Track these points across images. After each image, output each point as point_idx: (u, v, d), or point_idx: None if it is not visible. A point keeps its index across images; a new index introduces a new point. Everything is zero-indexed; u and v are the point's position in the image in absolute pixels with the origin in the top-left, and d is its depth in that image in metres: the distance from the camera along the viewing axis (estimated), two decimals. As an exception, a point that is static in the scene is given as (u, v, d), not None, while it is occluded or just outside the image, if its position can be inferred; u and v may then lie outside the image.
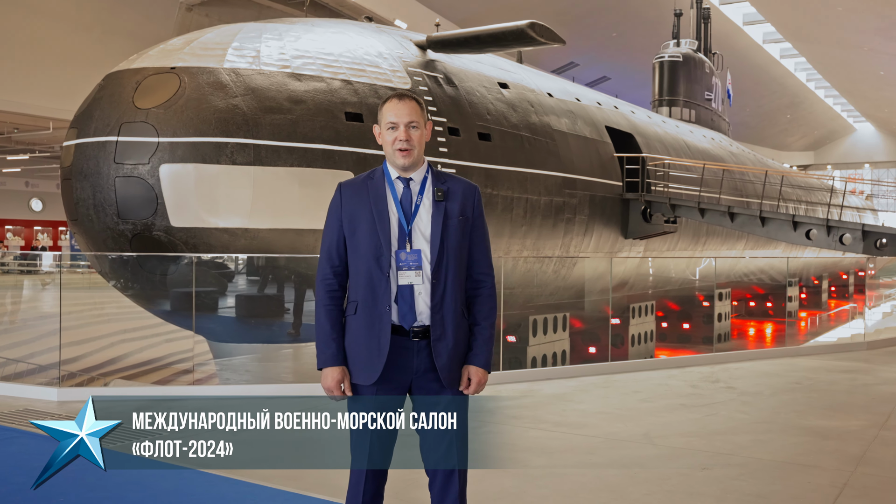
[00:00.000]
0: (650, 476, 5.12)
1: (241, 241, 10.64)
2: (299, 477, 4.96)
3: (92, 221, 10.44)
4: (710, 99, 28.02)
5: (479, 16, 27.50)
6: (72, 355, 13.17)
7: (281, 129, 10.68)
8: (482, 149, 13.37)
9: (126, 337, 15.25)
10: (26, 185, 39.95)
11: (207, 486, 4.60)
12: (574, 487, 4.85)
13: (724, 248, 23.43)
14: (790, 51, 44.26)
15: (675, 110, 26.05)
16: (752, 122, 52.65)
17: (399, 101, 3.17)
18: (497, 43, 13.38)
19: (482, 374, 3.23)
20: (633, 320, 18.40)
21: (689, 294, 21.00)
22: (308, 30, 12.40)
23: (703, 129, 26.44)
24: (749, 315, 26.18)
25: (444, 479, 3.16)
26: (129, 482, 4.73)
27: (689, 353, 15.33)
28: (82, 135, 10.56)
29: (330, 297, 3.18)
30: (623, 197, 17.43)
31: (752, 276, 26.23)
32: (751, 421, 6.84)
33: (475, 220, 3.25)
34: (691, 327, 20.38)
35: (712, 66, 28.67)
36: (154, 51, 11.38)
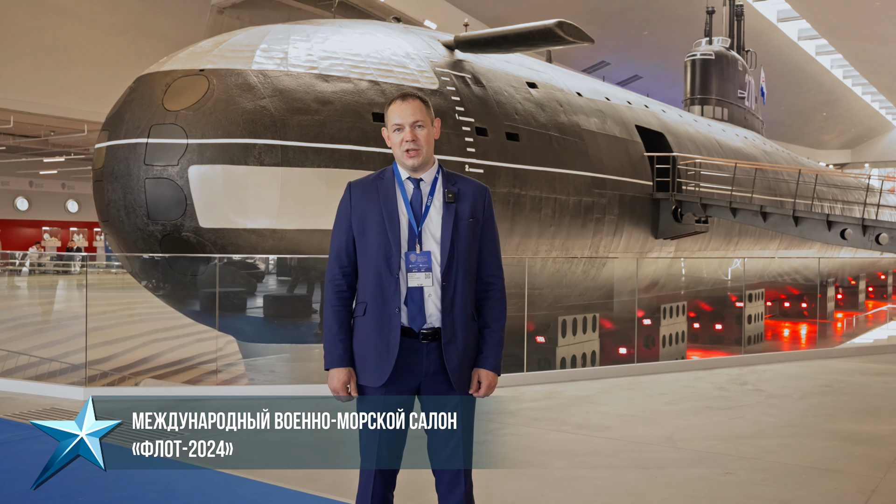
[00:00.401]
0: (671, 480, 5.06)
1: (269, 241, 10.70)
2: (316, 478, 4.97)
3: (122, 222, 10.56)
4: (743, 97, 27.68)
5: (509, 15, 27.43)
6: (104, 355, 13.36)
7: (308, 129, 10.73)
8: (510, 149, 13.33)
9: (157, 337, 15.42)
10: (62, 187, 40.63)
11: (225, 486, 4.63)
12: (593, 491, 4.80)
13: (758, 249, 23.13)
14: (826, 47, 43.59)
15: (708, 109, 25.78)
16: (787, 121, 51.95)
17: (402, 102, 3.16)
18: (525, 42, 13.33)
19: (492, 378, 3.22)
20: (664, 321, 18.25)
21: (721, 294, 20.78)
22: (336, 31, 12.44)
23: (735, 128, 26.14)
24: (783, 316, 25.84)
25: (450, 480, 3.15)
26: (149, 482, 4.77)
27: (720, 355, 15.17)
28: (113, 137, 10.69)
29: (338, 297, 3.17)
30: (653, 197, 17.27)
31: (786, 276, 25.90)
32: (778, 424, 6.72)
33: (485, 221, 3.23)
34: (724, 328, 20.16)
35: (745, 64, 28.32)
36: (184, 53, 11.49)
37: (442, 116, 12.17)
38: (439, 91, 12.41)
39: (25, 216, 39.36)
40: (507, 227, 13.13)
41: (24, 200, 39.26)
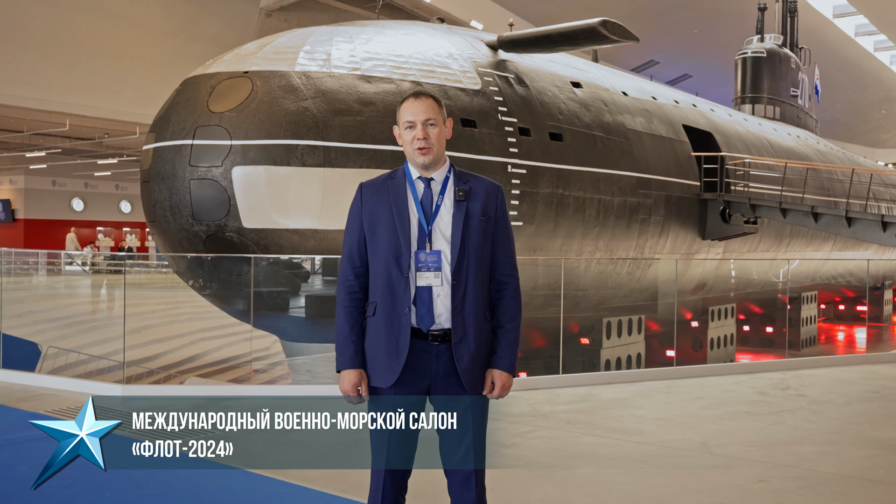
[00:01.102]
0: (702, 487, 4.95)
1: (311, 241, 10.78)
2: (341, 479, 4.98)
3: (168, 223, 10.73)
4: (796, 95, 27.10)
5: (557, 14, 27.26)
6: (153, 352, 13.62)
7: (350, 130, 10.78)
8: (553, 149, 13.23)
9: (205, 336, 15.66)
10: (116, 188, 41.56)
11: (250, 485, 4.67)
12: (620, 497, 4.73)
13: (810, 250, 22.63)
14: (885, 43, 42.47)
15: (759, 108, 25.29)
16: (843, 119, 50.74)
17: (415, 100, 3.14)
18: (569, 42, 13.22)
19: (506, 378, 3.16)
20: (713, 323, 17.97)
21: (772, 297, 20.38)
22: (379, 32, 12.49)
23: (787, 127, 25.60)
24: (838, 319, 25.25)
25: (461, 482, 3.11)
26: (176, 479, 4.84)
27: (771, 358, 14.86)
28: (160, 139, 10.87)
29: (350, 298, 3.15)
30: (701, 197, 17.00)
31: (840, 278, 25.30)
32: (818, 431, 6.54)
33: (498, 220, 3.18)
34: (774, 331, 19.78)
35: (798, 62, 27.73)
36: (229, 55, 11.64)
37: (484, 117, 12.14)
38: (482, 91, 12.38)
39: (81, 217, 40.37)
40: (551, 228, 13.04)
41: (79, 201, 40.25)
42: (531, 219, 12.60)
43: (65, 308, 18.58)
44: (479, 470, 3.13)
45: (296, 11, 22.61)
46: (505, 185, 12.17)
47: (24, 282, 21.23)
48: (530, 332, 14.21)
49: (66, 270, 22.98)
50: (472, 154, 11.81)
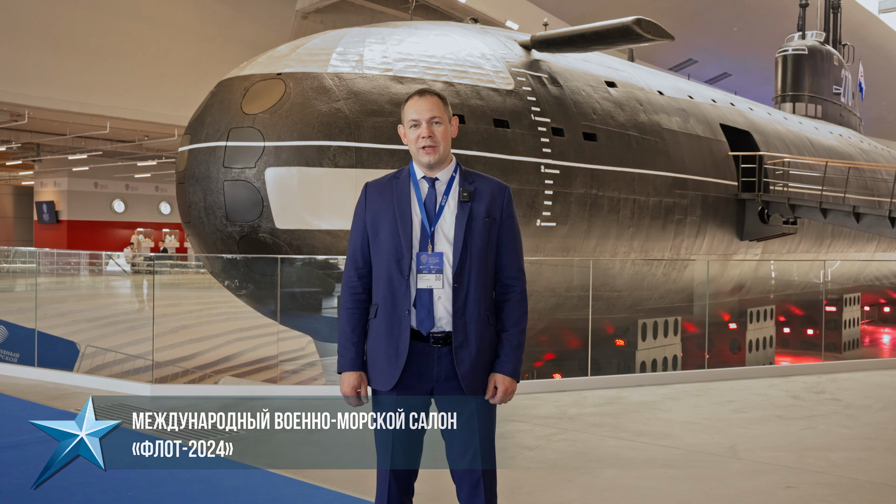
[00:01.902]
0: (727, 492, 4.85)
1: (343, 242, 10.81)
2: (360, 479, 4.97)
3: (203, 224, 10.84)
4: (839, 93, 26.58)
5: (593, 14, 27.07)
6: (189, 352, 13.79)
7: (382, 131, 10.80)
8: (587, 149, 13.13)
9: (241, 336, 15.82)
10: (156, 190, 42.20)
11: (269, 485, 4.68)
12: (642, 501, 4.65)
13: (853, 251, 22.18)
14: (932, 39, 41.54)
15: (800, 106, 24.86)
16: (889, 117, 49.66)
17: (420, 98, 3.09)
18: (603, 41, 13.10)
19: (509, 383, 3.08)
20: (751, 325, 17.71)
21: (813, 298, 19.99)
22: (411, 33, 12.49)
23: (829, 126, 25.12)
24: (882, 321, 24.72)
25: (470, 489, 3.05)
26: (196, 479, 4.87)
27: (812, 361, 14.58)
28: (195, 140, 10.98)
29: (353, 299, 3.12)
30: (738, 197, 16.75)
31: (885, 279, 24.79)
32: (852, 437, 6.37)
33: (503, 221, 3.11)
34: (815, 333, 19.41)
35: (841, 59, 27.19)
36: (263, 58, 11.72)
37: (517, 117, 12.08)
38: (515, 91, 12.32)
39: (122, 218, 41.05)
40: (584, 229, 12.94)
41: (120, 203, 40.93)
42: (564, 219, 12.51)
43: (104, 308, 18.89)
44: (488, 475, 3.07)
45: (331, 13, 22.73)
46: (538, 186, 12.10)
47: (66, 282, 21.63)
48: (563, 332, 14.11)
49: (107, 271, 23.36)
50: (505, 154, 11.76)
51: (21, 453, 5.21)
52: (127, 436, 5.93)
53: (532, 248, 12.07)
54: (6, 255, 23.81)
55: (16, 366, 9.24)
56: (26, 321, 12.80)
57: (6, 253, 24.57)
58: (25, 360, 10.69)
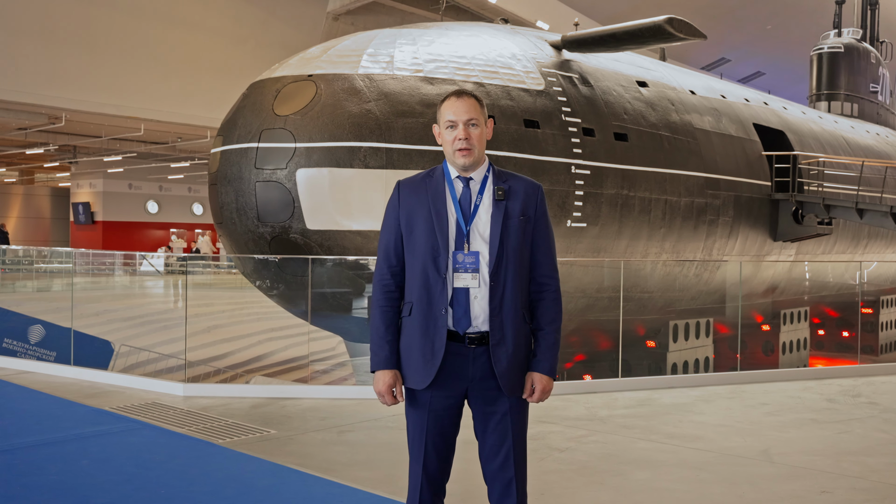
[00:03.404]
0: (760, 497, 4.78)
1: (374, 243, 10.84)
2: (391, 480, 4.97)
3: (235, 225, 10.93)
4: (876, 91, 26.17)
5: (624, 13, 26.90)
6: (221, 352, 13.90)
7: (413, 132, 10.82)
8: (618, 149, 13.05)
9: (272, 335, 15.91)
10: (188, 191, 42.66)
11: (300, 484, 4.69)
12: (674, 504, 4.61)
13: (890, 252, 21.83)
14: (972, 36, 40.70)
15: (835, 105, 24.51)
16: (928, 116, 48.79)
17: (457, 99, 3.08)
18: (634, 40, 13.01)
19: (546, 381, 3.07)
20: (784, 327, 17.49)
21: (848, 300, 19.69)
22: (442, 34, 12.50)
23: (866, 125, 24.73)
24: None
25: (502, 490, 3.04)
26: (229, 478, 4.90)
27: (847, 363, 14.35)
28: (227, 142, 11.08)
29: (386, 297, 3.11)
30: (772, 197, 16.55)
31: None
32: (890, 441, 6.25)
33: (538, 220, 3.10)
34: (851, 335, 19.12)
35: (879, 56, 26.76)
36: (294, 59, 11.80)
37: (548, 117, 12.04)
38: (545, 91, 12.28)
39: (155, 219, 41.56)
40: (615, 230, 12.86)
41: (154, 204, 41.44)
42: (595, 220, 12.44)
43: (138, 307, 19.11)
44: (520, 476, 3.06)
45: (362, 15, 22.84)
46: (568, 187, 12.05)
47: (101, 282, 21.91)
48: (594, 333, 14.03)
49: (141, 271, 23.65)
50: (536, 155, 11.73)
51: (58, 450, 5.28)
52: (160, 434, 6.01)
53: (563, 249, 12.02)
54: (44, 256, 24.19)
55: (52, 364, 9.39)
56: (62, 320, 12.99)
57: (43, 253, 24.98)
58: (62, 359, 10.85)
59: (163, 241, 40.04)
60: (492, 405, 3.05)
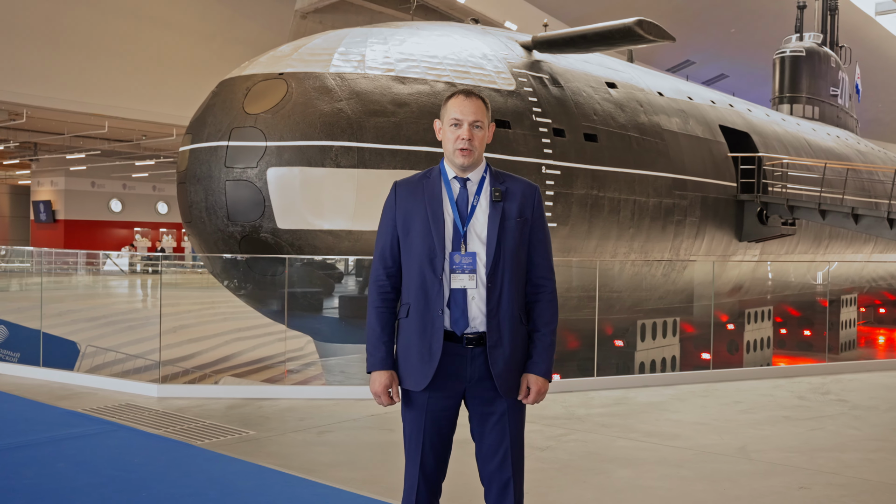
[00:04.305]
0: (741, 493, 4.85)
1: (345, 242, 10.79)
2: (376, 481, 4.96)
3: (204, 224, 10.81)
4: (836, 95, 26.65)
5: (592, 15, 27.09)
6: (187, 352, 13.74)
7: (384, 131, 10.79)
8: (588, 150, 13.14)
9: (239, 336, 15.78)
10: (153, 189, 42.15)
11: (284, 485, 4.65)
12: (656, 502, 4.64)
13: (850, 252, 22.24)
14: (928, 42, 41.65)
15: (797, 108, 24.91)
16: (885, 119, 49.80)
17: (466, 98, 3.06)
18: (604, 42, 13.11)
19: (542, 383, 3.07)
20: (749, 326, 17.73)
21: (810, 300, 20.04)
22: (413, 33, 12.48)
23: (827, 127, 25.18)
24: (879, 323, 24.78)
25: (499, 491, 3.04)
26: (211, 479, 4.85)
27: (809, 362, 14.60)
28: (196, 140, 10.95)
29: (382, 298, 3.09)
30: (737, 198, 16.78)
31: (881, 281, 24.85)
32: (861, 438, 6.38)
33: (535, 221, 3.10)
34: (812, 334, 19.46)
35: (839, 60, 27.26)
36: (264, 58, 11.70)
37: (519, 117, 12.08)
38: (516, 92, 12.32)
39: (119, 218, 41.00)
40: (585, 230, 12.94)
41: (117, 202, 40.88)
42: (565, 220, 12.52)
43: (103, 308, 18.83)
44: (517, 477, 3.06)
45: (331, 13, 22.72)
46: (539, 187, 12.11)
47: (63, 281, 21.57)
48: (564, 333, 14.11)
49: (104, 270, 23.32)
50: (507, 155, 11.75)
51: (33, 453, 5.18)
52: (136, 436, 5.92)
53: (534, 249, 12.04)
54: (3, 255, 23.75)
55: (18, 365, 9.19)
56: (25, 320, 12.75)
57: (2, 252, 24.52)
58: (26, 360, 10.64)
59: (126, 241, 39.53)
60: (489, 406, 3.04)
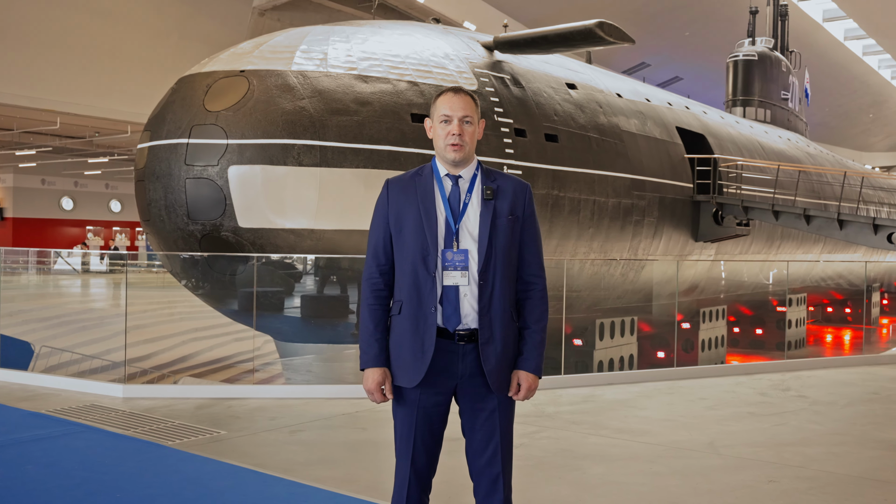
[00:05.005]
0: (714, 487, 4.94)
1: (307, 241, 10.73)
2: (353, 479, 4.94)
3: (163, 222, 10.66)
4: (787, 98, 27.24)
5: (550, 17, 27.27)
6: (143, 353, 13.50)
7: (347, 130, 10.74)
8: (549, 150, 13.23)
9: (197, 336, 15.57)
10: (106, 187, 41.38)
11: (261, 485, 4.61)
12: (633, 498, 4.71)
13: (800, 252, 22.75)
14: (873, 47, 42.74)
15: (750, 110, 25.40)
16: (832, 122, 51.02)
17: (454, 95, 3.09)
18: (565, 43, 13.23)
19: (532, 380, 3.10)
20: (704, 325, 18.01)
21: (762, 299, 20.45)
22: (375, 32, 12.45)
23: (778, 130, 25.72)
24: (826, 321, 25.39)
25: (488, 485, 3.06)
26: (186, 479, 4.78)
27: (761, 360, 14.88)
28: (155, 137, 10.79)
29: (375, 296, 3.11)
30: (694, 199, 17.05)
31: (829, 280, 25.43)
32: (823, 432, 6.54)
33: (526, 219, 3.13)
34: (764, 333, 19.86)
35: (789, 65, 27.87)
36: (225, 54, 11.57)
37: (480, 117, 12.12)
38: (478, 92, 12.36)
39: (70, 216, 40.19)
40: (546, 229, 13.04)
41: (69, 200, 40.05)
42: (527, 220, 12.58)
43: (56, 307, 18.44)
44: (506, 472, 3.09)
45: (289, 11, 22.55)
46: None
47: (13, 280, 21.07)
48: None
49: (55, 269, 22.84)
50: (471, 154, 11.79)
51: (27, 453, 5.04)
52: (105, 437, 5.82)
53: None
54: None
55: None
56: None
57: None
58: (-23, 361, 10.34)
59: (78, 239, 38.76)
60: (480, 402, 3.07)
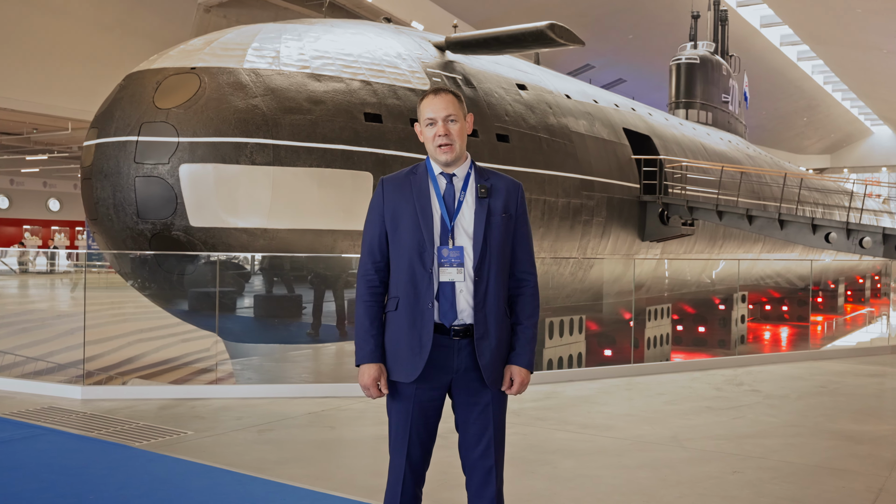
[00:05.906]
0: (681, 479, 5.05)
1: (260, 241, 10.62)
2: (327, 476, 4.92)
3: (112, 221, 10.44)
4: (727, 101, 27.88)
5: (497, 18, 27.48)
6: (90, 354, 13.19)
7: (300, 129, 10.66)
8: (500, 150, 13.33)
9: (144, 336, 15.28)
10: (44, 186, 40.25)
11: (236, 484, 4.56)
12: (606, 490, 4.79)
13: (741, 251, 23.31)
14: (808, 53, 44.00)
15: (692, 113, 25.94)
16: (769, 125, 52.38)
17: (435, 97, 3.13)
18: (516, 44, 13.33)
19: (525, 375, 3.16)
20: (649, 323, 18.33)
21: (705, 297, 20.88)
22: (327, 31, 12.39)
23: (720, 132, 26.32)
24: (764, 319, 26.05)
25: (481, 478, 3.10)
26: (159, 480, 4.70)
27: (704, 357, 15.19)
28: (103, 134, 10.56)
29: (370, 292, 3.13)
30: (640, 199, 17.34)
31: (768, 279, 26.09)
32: (779, 424, 6.74)
33: (518, 217, 3.19)
34: (707, 331, 20.28)
35: (729, 69, 28.53)
36: (174, 51, 11.38)
37: (434, 117, 12.13)
38: (432, 91, 12.37)
39: (6, 215, 39.00)
40: (498, 229, 13.10)
41: (4, 199, 38.87)
42: (480, 219, 12.64)
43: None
44: (499, 465, 3.14)
45: (235, 8, 22.24)
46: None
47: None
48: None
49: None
50: (423, 154, 11.78)
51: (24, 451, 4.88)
52: (68, 439, 5.67)
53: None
54: None
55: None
56: None
57: None
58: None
59: (15, 239, 37.64)
60: (475, 396, 3.11)
